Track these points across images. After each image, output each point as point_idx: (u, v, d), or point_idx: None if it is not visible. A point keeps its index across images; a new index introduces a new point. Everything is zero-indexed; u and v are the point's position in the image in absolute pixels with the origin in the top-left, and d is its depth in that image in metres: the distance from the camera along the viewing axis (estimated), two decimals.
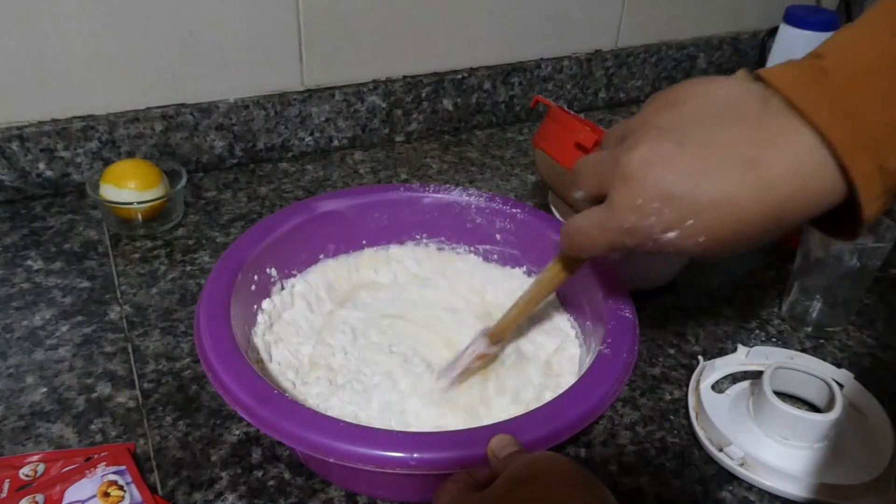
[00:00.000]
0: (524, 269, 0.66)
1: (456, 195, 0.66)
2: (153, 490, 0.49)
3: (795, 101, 0.34)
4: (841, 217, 0.36)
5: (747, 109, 0.35)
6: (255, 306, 0.58)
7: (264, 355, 0.55)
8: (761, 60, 1.10)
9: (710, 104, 0.37)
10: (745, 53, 1.13)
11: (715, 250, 0.37)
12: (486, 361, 0.55)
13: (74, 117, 0.78)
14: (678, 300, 0.69)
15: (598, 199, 0.40)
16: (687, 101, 0.37)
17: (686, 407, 0.58)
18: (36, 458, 0.51)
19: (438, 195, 0.66)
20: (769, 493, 0.51)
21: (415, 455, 0.41)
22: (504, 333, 0.54)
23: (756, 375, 0.58)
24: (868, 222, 0.35)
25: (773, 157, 0.34)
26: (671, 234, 0.37)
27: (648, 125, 0.38)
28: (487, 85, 0.96)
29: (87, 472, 0.49)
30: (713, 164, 0.35)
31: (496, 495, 0.36)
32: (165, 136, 0.81)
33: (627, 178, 0.37)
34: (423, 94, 0.93)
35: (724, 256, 0.38)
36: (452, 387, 0.54)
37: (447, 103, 0.95)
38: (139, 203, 0.71)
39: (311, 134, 0.89)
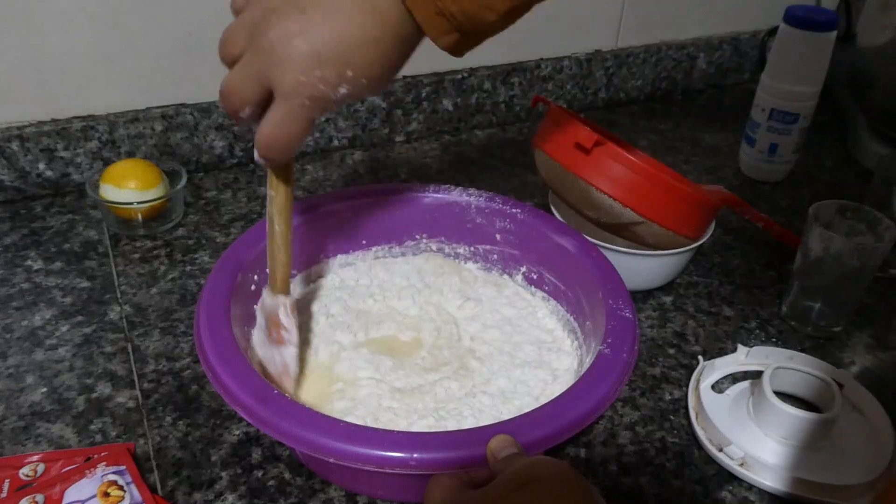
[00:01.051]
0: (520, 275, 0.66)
1: (456, 195, 0.65)
2: (153, 490, 0.49)
3: None
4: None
5: None
6: (255, 306, 0.58)
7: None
8: (761, 60, 1.10)
9: None
10: (745, 53, 1.13)
11: (380, 84, 0.42)
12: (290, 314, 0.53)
13: (74, 117, 0.78)
14: (678, 300, 0.69)
15: (267, 102, 0.42)
16: None
17: (686, 407, 0.58)
18: (36, 458, 0.51)
19: (438, 195, 0.65)
20: (769, 493, 0.51)
21: (415, 455, 0.41)
22: (285, 281, 0.52)
23: (756, 375, 0.58)
24: (445, 48, 0.42)
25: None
26: (343, 90, 0.41)
27: (267, 10, 0.41)
28: (487, 85, 0.96)
29: (87, 472, 0.49)
30: (340, 17, 0.39)
31: (494, 495, 0.36)
32: (165, 136, 0.81)
33: (279, 62, 0.40)
34: (423, 94, 0.93)
35: (387, 84, 0.46)
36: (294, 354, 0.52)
37: (447, 103, 0.95)
38: (139, 203, 0.71)
39: (311, 134, 0.89)
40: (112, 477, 0.48)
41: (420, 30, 0.41)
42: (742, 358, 0.61)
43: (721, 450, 0.53)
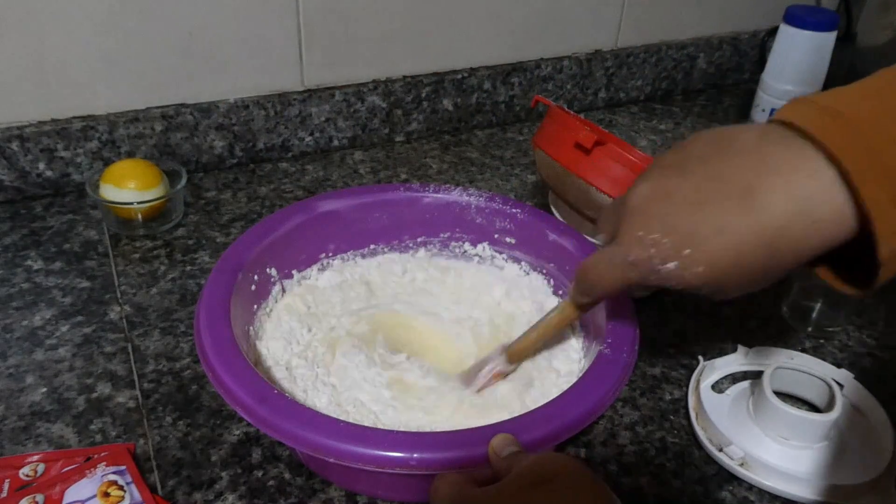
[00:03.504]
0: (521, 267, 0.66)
1: (456, 195, 0.66)
2: (153, 490, 0.49)
3: (807, 128, 0.33)
4: (854, 263, 0.35)
5: (749, 142, 0.36)
6: (255, 306, 0.58)
7: (264, 355, 0.55)
8: (761, 60, 1.10)
9: (714, 142, 0.37)
10: (745, 53, 1.13)
11: (717, 282, 0.37)
12: (501, 378, 0.55)
13: (74, 117, 0.78)
14: (678, 300, 0.69)
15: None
16: (694, 142, 0.38)
17: (686, 407, 0.58)
18: (36, 458, 0.51)
19: (438, 195, 0.66)
20: (769, 493, 0.51)
21: (415, 455, 0.41)
22: (522, 354, 0.54)
23: (756, 375, 0.58)
24: (885, 261, 0.33)
25: (769, 182, 0.34)
26: (671, 265, 0.37)
27: (656, 165, 0.39)
28: (487, 85, 0.96)
29: (87, 472, 0.49)
30: (712, 195, 0.35)
31: (510, 492, 0.36)
32: (165, 136, 0.81)
33: (632, 213, 0.38)
34: (423, 94, 0.93)
35: (730, 292, 0.38)
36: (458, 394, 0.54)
37: (447, 103, 0.95)
38: (139, 203, 0.71)
39: (311, 134, 0.89)
40: (112, 477, 0.48)
41: (843, 221, 0.33)
42: (742, 358, 0.61)
43: (721, 450, 0.53)
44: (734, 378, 0.60)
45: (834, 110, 0.33)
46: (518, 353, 0.54)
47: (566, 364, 0.57)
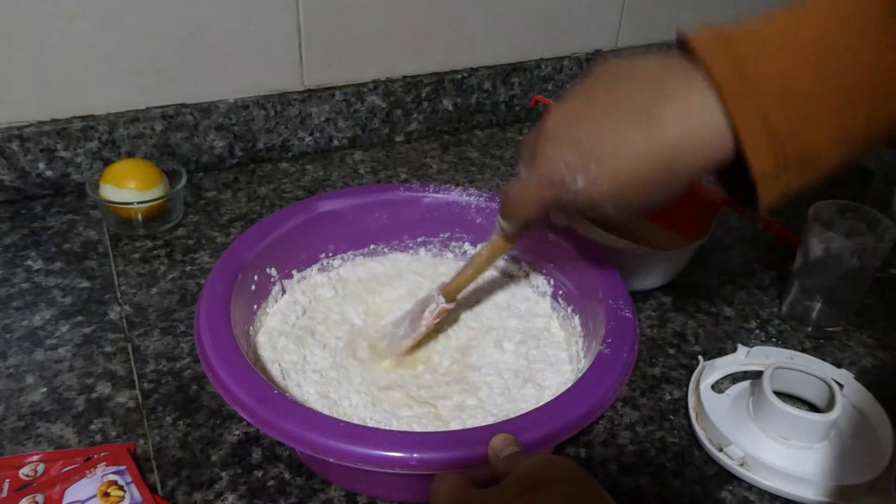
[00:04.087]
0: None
1: (456, 195, 0.66)
2: (153, 490, 0.49)
3: (699, 51, 0.37)
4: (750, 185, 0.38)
5: (650, 69, 0.39)
6: (255, 306, 0.58)
7: (264, 355, 0.55)
8: None
9: (619, 68, 0.41)
10: None
11: (620, 197, 0.40)
12: (442, 319, 0.57)
13: (74, 117, 0.78)
14: (678, 300, 0.69)
15: None
16: (601, 70, 0.42)
17: (686, 407, 0.58)
18: (36, 458, 0.51)
19: (438, 195, 0.65)
20: (769, 493, 0.51)
21: (415, 455, 0.41)
22: (457, 291, 0.56)
23: (756, 375, 0.58)
24: (759, 178, 0.36)
25: (664, 105, 0.38)
26: (580, 182, 0.40)
27: (568, 93, 0.42)
28: (487, 85, 0.96)
29: (87, 472, 0.49)
30: (614, 115, 0.39)
31: (510, 495, 0.36)
32: (165, 136, 0.81)
33: (546, 137, 0.42)
34: (423, 94, 0.93)
35: (634, 207, 0.41)
36: (409, 343, 0.56)
37: (447, 103, 0.95)
38: (139, 203, 0.71)
39: (311, 134, 0.89)
40: (112, 477, 0.48)
41: (723, 141, 0.36)
42: (742, 358, 0.61)
43: (721, 450, 0.53)
44: (734, 378, 0.60)
45: (725, 35, 0.37)
46: (454, 290, 0.56)
47: (556, 376, 0.57)
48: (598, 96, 0.40)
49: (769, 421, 0.53)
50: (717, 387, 0.59)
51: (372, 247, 0.67)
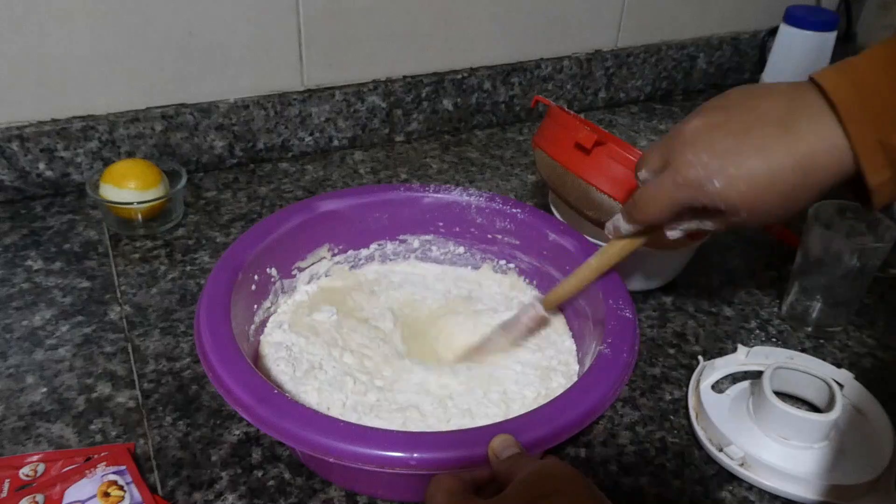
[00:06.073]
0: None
1: (456, 195, 0.65)
2: (153, 490, 0.49)
3: (823, 84, 0.40)
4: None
5: (785, 91, 0.43)
6: (255, 306, 0.58)
7: (264, 355, 0.55)
8: (761, 60, 1.10)
9: (755, 91, 0.44)
10: (745, 53, 1.13)
11: (755, 202, 0.42)
12: (540, 326, 0.59)
13: (74, 117, 0.78)
14: (678, 300, 0.69)
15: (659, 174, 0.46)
16: (733, 91, 0.45)
17: (686, 407, 0.58)
18: (36, 458, 0.51)
19: (438, 195, 0.65)
20: (769, 493, 0.51)
21: (415, 455, 0.41)
22: (558, 301, 0.58)
23: (756, 375, 0.58)
24: (874, 188, 0.40)
25: (801, 117, 0.41)
26: (716, 183, 0.42)
27: (701, 108, 0.45)
28: (487, 85, 0.96)
29: (87, 472, 0.49)
30: (754, 124, 0.42)
31: None
32: (165, 136, 0.81)
33: (684, 142, 0.44)
34: (423, 94, 0.93)
35: (765, 215, 0.43)
36: (503, 342, 0.58)
37: (447, 103, 0.95)
38: (139, 203, 0.71)
39: (311, 134, 0.89)
40: (112, 477, 0.48)
41: (845, 159, 0.40)
42: (742, 358, 0.61)
43: (721, 450, 0.53)
44: (734, 378, 0.60)
45: (845, 63, 0.41)
46: (554, 300, 0.57)
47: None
48: (735, 109, 0.43)
49: (769, 421, 0.53)
50: (717, 387, 0.59)
51: (372, 247, 0.67)
